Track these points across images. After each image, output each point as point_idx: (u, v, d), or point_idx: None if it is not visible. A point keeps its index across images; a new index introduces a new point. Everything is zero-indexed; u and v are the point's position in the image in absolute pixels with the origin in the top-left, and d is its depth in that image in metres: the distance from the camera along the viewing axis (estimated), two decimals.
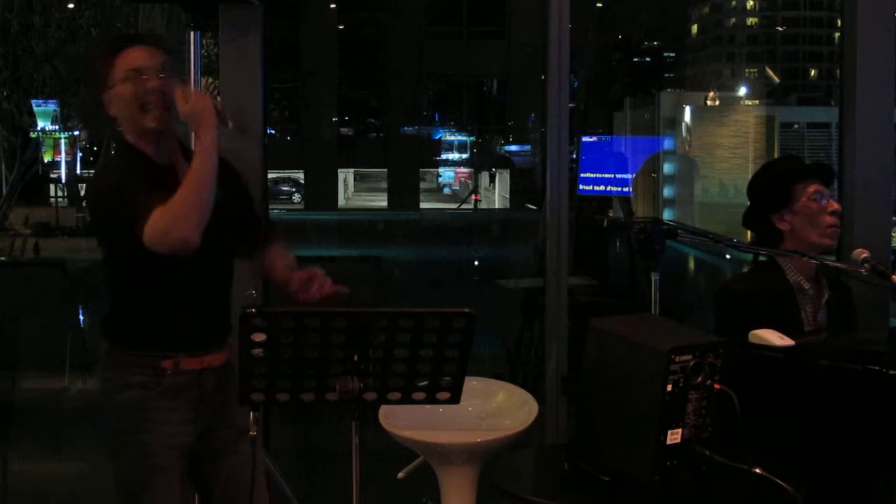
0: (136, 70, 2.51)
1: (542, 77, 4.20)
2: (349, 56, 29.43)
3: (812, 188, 2.96)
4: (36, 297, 9.13)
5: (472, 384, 2.41)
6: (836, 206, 2.95)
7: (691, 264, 17.11)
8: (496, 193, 32.14)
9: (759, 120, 24.49)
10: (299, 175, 30.34)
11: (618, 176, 8.14)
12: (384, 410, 2.61)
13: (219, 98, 2.47)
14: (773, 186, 3.00)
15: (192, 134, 2.49)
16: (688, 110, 24.23)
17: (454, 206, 31.17)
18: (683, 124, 23.99)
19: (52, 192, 20.97)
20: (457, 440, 2.61)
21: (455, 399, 2.18)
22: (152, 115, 2.50)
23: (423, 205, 30.35)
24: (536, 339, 6.34)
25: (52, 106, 15.94)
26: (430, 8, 30.14)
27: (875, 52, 3.79)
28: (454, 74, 31.12)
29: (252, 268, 2.77)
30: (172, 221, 2.33)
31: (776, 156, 22.39)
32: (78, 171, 19.85)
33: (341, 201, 31.37)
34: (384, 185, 31.46)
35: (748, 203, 3.06)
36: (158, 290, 2.46)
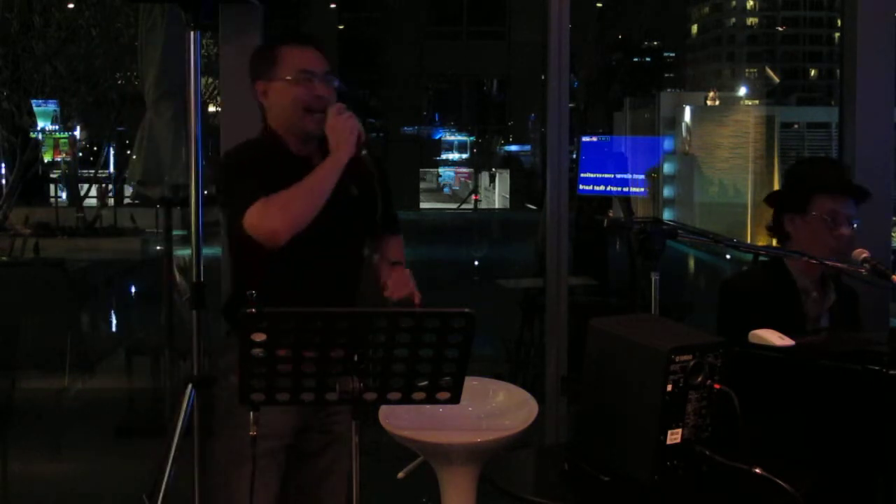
0: (308, 73, 2.55)
1: (542, 77, 4.20)
2: (349, 56, 29.42)
3: (831, 206, 2.83)
4: (36, 297, 9.12)
5: (471, 384, 2.40)
6: (847, 233, 2.83)
7: (691, 264, 17.12)
8: (496, 193, 32.13)
9: (759, 120, 24.49)
10: None
11: (618, 176, 8.13)
12: (384, 410, 2.60)
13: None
14: (792, 189, 2.93)
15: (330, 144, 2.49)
16: (688, 110, 24.24)
17: (454, 206, 31.16)
18: (683, 124, 23.99)
19: (52, 192, 20.96)
20: (457, 440, 2.60)
21: (455, 399, 2.18)
22: (313, 119, 2.53)
23: (423, 205, 30.35)
24: (536, 339, 6.34)
25: (52, 106, 15.90)
26: (430, 8, 30.14)
27: (875, 52, 3.78)
28: (454, 74, 31.13)
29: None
30: (270, 210, 2.36)
31: (776, 156, 22.37)
32: (78, 171, 19.81)
33: None
34: None
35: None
36: (280, 281, 2.44)
